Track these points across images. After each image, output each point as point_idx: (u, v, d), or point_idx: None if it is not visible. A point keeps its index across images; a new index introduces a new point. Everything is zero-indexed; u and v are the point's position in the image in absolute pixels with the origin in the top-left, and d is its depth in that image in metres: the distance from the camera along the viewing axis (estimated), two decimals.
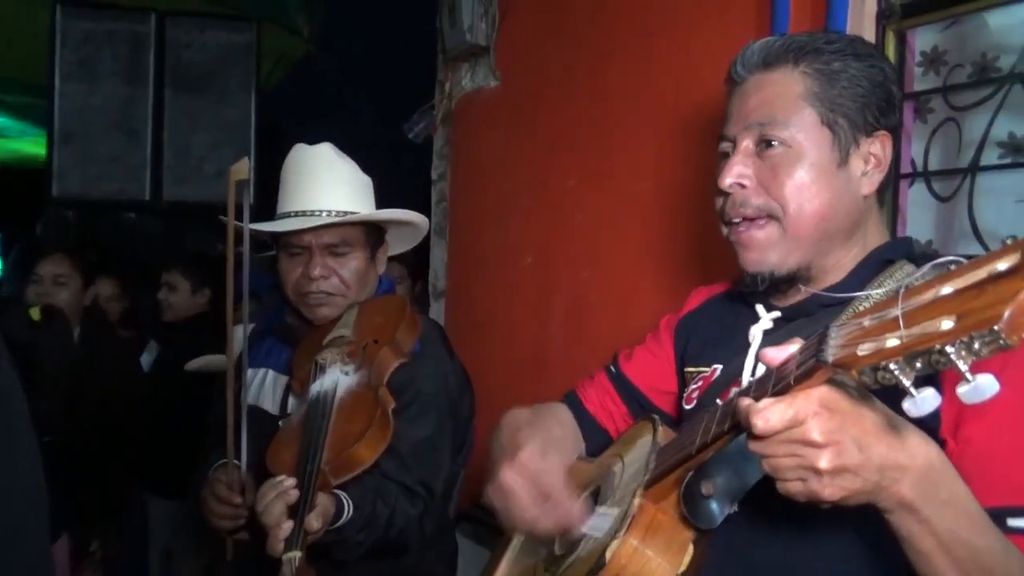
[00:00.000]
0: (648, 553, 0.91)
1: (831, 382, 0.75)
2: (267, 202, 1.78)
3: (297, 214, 1.69)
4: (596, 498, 1.10)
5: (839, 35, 1.11)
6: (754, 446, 0.78)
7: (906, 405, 0.67)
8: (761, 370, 0.98)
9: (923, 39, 1.58)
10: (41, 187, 4.75)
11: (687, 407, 1.20)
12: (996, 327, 0.59)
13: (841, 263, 1.09)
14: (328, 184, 1.70)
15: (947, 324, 0.62)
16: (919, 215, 1.58)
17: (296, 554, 1.25)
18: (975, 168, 1.49)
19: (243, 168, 1.49)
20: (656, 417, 1.11)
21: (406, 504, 1.52)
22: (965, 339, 0.61)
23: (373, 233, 1.77)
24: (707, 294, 1.34)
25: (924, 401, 0.66)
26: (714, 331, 1.24)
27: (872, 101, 1.06)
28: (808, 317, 1.08)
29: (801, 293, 1.10)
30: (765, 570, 1.01)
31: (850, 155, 1.06)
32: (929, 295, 0.66)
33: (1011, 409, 0.86)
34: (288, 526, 1.29)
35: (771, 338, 1.09)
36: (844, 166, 1.06)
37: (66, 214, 4.97)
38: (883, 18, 1.58)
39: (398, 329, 1.63)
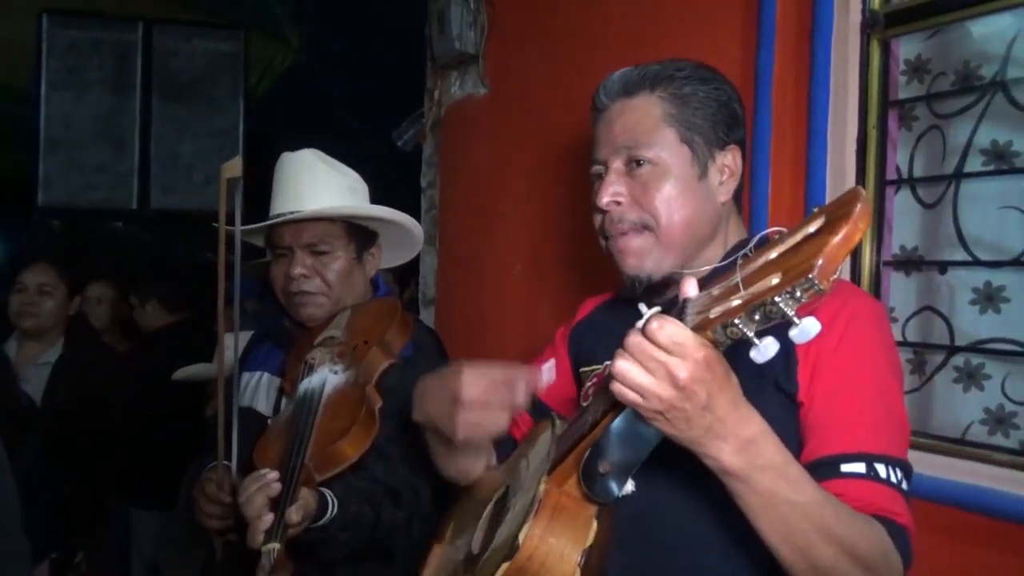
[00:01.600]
0: (556, 532, 0.98)
1: (715, 345, 0.84)
2: (256, 210, 1.78)
3: (279, 216, 1.69)
4: (506, 498, 1.16)
5: (687, 62, 1.22)
6: (629, 344, 0.85)
7: (752, 354, 0.78)
8: None
9: (907, 48, 1.61)
10: (27, 196, 4.71)
11: (584, 404, 1.27)
12: (811, 275, 0.71)
13: (708, 259, 1.22)
14: (308, 186, 1.70)
15: (775, 280, 0.75)
16: (904, 221, 1.60)
17: (275, 546, 1.25)
18: (959, 175, 1.51)
19: (235, 166, 1.46)
20: (555, 415, 1.19)
21: (392, 507, 1.52)
22: (789, 289, 0.73)
23: (357, 233, 1.75)
24: (595, 303, 1.46)
25: (767, 348, 0.78)
26: (603, 332, 1.34)
27: (720, 119, 1.20)
28: None
29: (671, 291, 1.21)
30: (662, 536, 1.10)
31: (708, 168, 1.20)
32: (761, 261, 0.78)
33: (845, 374, 1.03)
34: (269, 518, 1.29)
35: None
36: (704, 178, 1.19)
37: (52, 223, 4.93)
38: (867, 27, 1.60)
39: (388, 330, 1.63)
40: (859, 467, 0.98)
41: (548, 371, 1.19)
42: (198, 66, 4.89)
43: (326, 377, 1.58)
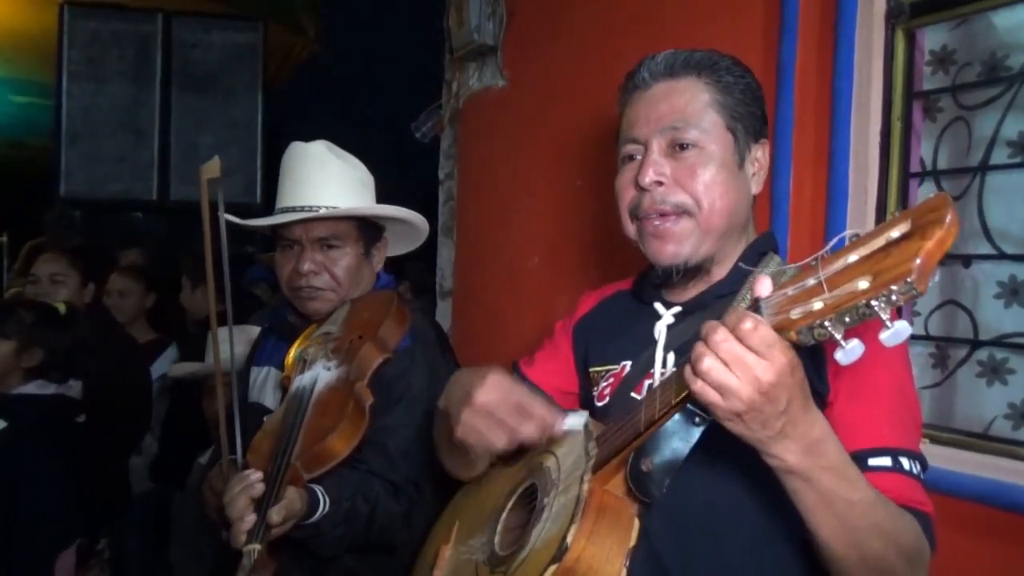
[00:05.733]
0: (602, 532, 0.98)
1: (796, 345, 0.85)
2: (273, 199, 1.79)
3: (289, 209, 1.69)
4: (532, 497, 1.14)
5: (723, 54, 1.23)
6: (716, 343, 0.84)
7: (838, 355, 0.79)
8: (672, 360, 1.17)
9: (932, 38, 1.58)
10: (48, 187, 4.76)
11: (599, 404, 1.27)
12: (910, 279, 0.72)
13: (730, 255, 1.22)
14: (321, 180, 1.70)
15: (863, 284, 0.75)
16: None
17: (255, 547, 1.25)
18: (985, 167, 1.49)
19: (214, 167, 1.47)
20: (585, 412, 1.17)
21: (390, 501, 1.52)
22: (885, 292, 0.74)
23: (367, 229, 1.76)
24: (597, 298, 1.43)
25: (852, 351, 0.78)
26: (615, 330, 1.32)
27: (756, 112, 1.21)
28: (706, 309, 1.20)
29: (694, 288, 1.23)
30: (692, 532, 1.09)
31: (744, 159, 1.20)
32: (840, 263, 0.78)
33: (867, 371, 1.02)
34: (251, 519, 1.29)
35: (674, 331, 1.21)
36: (741, 169, 1.20)
37: (73, 214, 4.99)
38: (892, 17, 1.58)
39: (383, 325, 1.62)
40: (885, 461, 1.01)
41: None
42: (217, 58, 4.93)
43: (318, 374, 1.58)
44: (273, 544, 1.31)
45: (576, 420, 1.10)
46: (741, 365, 0.83)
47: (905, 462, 1.02)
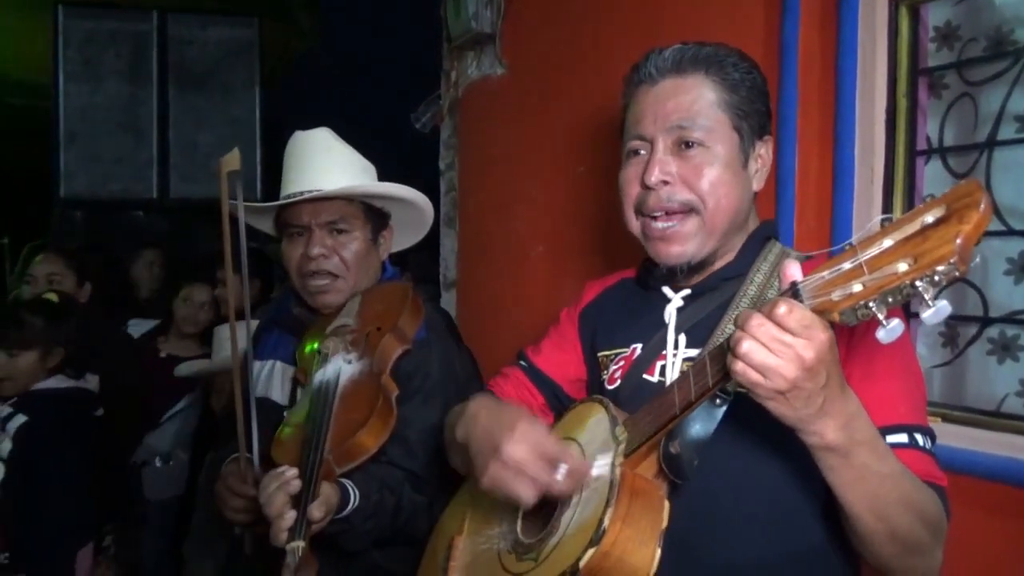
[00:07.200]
0: (637, 515, 1.00)
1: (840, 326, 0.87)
2: (274, 196, 1.77)
3: (294, 195, 1.67)
4: None
5: (729, 48, 1.23)
6: (753, 327, 0.86)
7: (880, 334, 0.82)
8: (684, 341, 1.19)
9: (936, 14, 1.57)
10: (48, 188, 4.76)
11: (610, 387, 1.28)
12: (952, 260, 0.75)
13: (734, 245, 1.26)
14: (325, 165, 1.69)
15: (903, 266, 0.78)
16: (936, 192, 1.56)
17: (300, 543, 1.24)
18: (992, 143, 1.48)
19: (234, 159, 1.45)
20: (603, 398, 1.18)
21: (413, 492, 1.52)
22: (928, 273, 0.77)
23: (373, 214, 1.75)
24: (602, 285, 1.46)
25: (894, 330, 0.82)
26: (622, 315, 1.34)
27: (761, 108, 1.23)
28: (714, 291, 1.24)
29: (700, 273, 1.25)
30: (714, 510, 1.11)
31: (749, 157, 1.22)
32: (876, 248, 0.81)
33: (878, 351, 1.05)
34: (291, 516, 1.28)
35: (684, 313, 1.24)
36: (745, 167, 1.22)
37: (74, 215, 4.98)
38: None
39: (400, 316, 1.61)
40: (902, 438, 1.04)
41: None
42: (213, 54, 4.91)
43: (340, 367, 1.56)
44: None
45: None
46: (781, 345, 0.85)
47: (920, 438, 1.05)
